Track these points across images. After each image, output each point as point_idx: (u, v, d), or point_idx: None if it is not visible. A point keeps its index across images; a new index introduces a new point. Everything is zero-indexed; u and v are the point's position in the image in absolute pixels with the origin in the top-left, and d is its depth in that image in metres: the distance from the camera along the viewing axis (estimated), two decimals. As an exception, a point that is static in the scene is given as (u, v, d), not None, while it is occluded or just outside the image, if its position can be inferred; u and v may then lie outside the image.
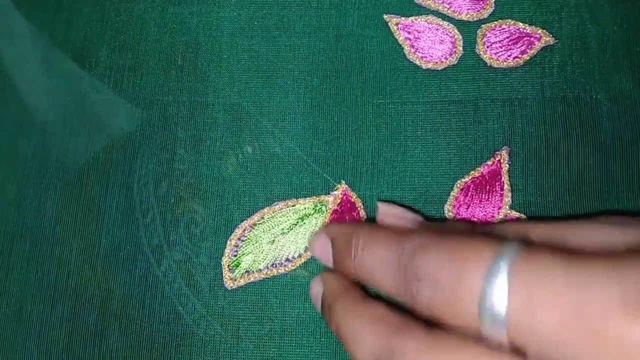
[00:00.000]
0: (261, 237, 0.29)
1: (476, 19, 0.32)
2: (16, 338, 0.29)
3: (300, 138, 0.31)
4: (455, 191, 0.29)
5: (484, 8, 0.32)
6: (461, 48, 0.31)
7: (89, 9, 0.34)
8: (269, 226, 0.29)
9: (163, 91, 0.32)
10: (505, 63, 0.31)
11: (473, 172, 0.30)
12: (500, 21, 0.32)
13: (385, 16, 0.32)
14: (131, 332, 0.29)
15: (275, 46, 0.32)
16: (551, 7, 0.32)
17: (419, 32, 0.32)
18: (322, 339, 0.28)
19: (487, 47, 0.31)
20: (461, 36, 0.32)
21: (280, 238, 0.29)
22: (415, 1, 0.32)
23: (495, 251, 0.17)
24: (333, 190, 0.30)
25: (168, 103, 0.32)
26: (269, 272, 0.29)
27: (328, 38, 0.32)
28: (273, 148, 0.31)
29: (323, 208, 0.29)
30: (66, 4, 0.34)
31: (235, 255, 0.29)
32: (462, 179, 0.30)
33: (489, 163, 0.30)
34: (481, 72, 0.31)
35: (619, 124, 0.30)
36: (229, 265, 0.29)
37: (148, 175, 0.31)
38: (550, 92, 0.31)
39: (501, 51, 0.31)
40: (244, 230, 0.29)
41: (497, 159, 0.30)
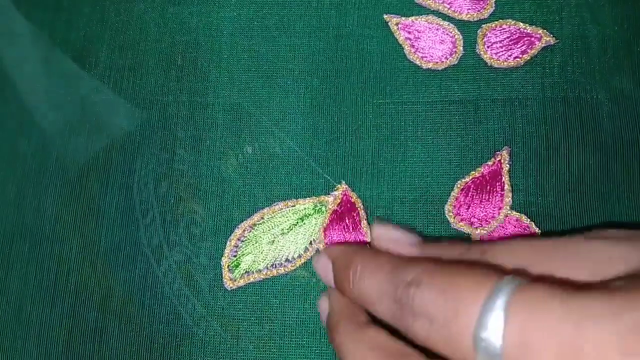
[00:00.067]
0: (261, 238, 0.29)
1: (476, 19, 0.32)
2: (16, 336, 0.29)
3: (300, 138, 0.31)
4: (455, 191, 0.29)
5: (485, 8, 0.32)
6: (461, 48, 0.31)
7: (89, 9, 0.34)
8: (269, 226, 0.29)
9: (163, 91, 0.32)
10: (505, 63, 0.31)
11: (473, 172, 0.30)
12: (500, 21, 0.32)
13: (385, 16, 0.32)
14: (131, 332, 0.29)
15: (275, 46, 0.32)
16: (552, 7, 0.32)
17: (419, 32, 0.32)
18: (322, 340, 0.28)
19: (488, 47, 0.31)
20: (461, 36, 0.32)
21: (280, 238, 0.29)
22: (415, 1, 0.32)
23: (491, 287, 0.17)
24: (333, 190, 0.30)
25: (168, 103, 0.32)
26: (269, 273, 0.29)
27: (328, 38, 0.32)
28: (273, 148, 0.31)
29: (323, 208, 0.29)
30: (66, 4, 0.34)
31: (235, 255, 0.29)
32: (463, 179, 0.29)
33: (490, 163, 0.30)
34: (482, 72, 0.31)
35: (620, 124, 0.30)
36: (229, 265, 0.29)
37: (148, 175, 0.31)
38: (550, 92, 0.30)
39: (502, 51, 0.31)
40: (244, 230, 0.29)
41: (498, 159, 0.30)
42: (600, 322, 0.15)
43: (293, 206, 0.30)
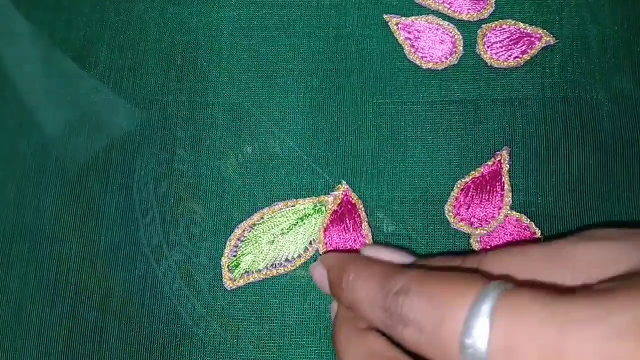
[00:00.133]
0: (261, 238, 0.29)
1: (477, 19, 0.32)
2: (16, 336, 0.29)
3: (300, 138, 0.31)
4: (455, 191, 0.29)
5: (485, 8, 0.32)
6: (462, 48, 0.31)
7: (89, 9, 0.34)
8: (269, 227, 0.29)
9: (163, 91, 0.32)
10: (505, 63, 0.31)
11: (473, 173, 0.29)
12: (500, 21, 0.32)
13: (385, 16, 0.32)
14: (131, 332, 0.29)
15: (275, 46, 0.32)
16: (552, 8, 0.32)
17: (420, 32, 0.32)
18: (322, 340, 0.28)
19: (488, 47, 0.31)
20: (462, 36, 0.32)
21: (280, 238, 0.29)
22: (415, 1, 0.32)
23: (477, 293, 0.18)
24: (333, 190, 0.30)
25: (168, 103, 0.32)
26: (269, 273, 0.29)
27: (328, 38, 0.32)
28: (273, 148, 0.31)
29: (323, 208, 0.29)
30: (66, 4, 0.34)
31: (235, 255, 0.29)
32: (463, 180, 0.29)
33: (490, 163, 0.30)
34: (482, 73, 0.31)
35: (620, 124, 0.30)
36: (229, 265, 0.29)
37: (148, 175, 0.31)
38: (551, 93, 0.30)
39: (502, 51, 0.31)
40: (244, 230, 0.29)
41: (498, 160, 0.30)
42: (582, 327, 0.16)
43: (293, 206, 0.30)
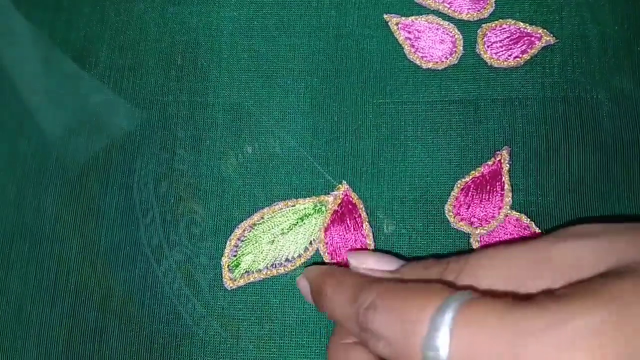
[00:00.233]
0: (261, 237, 0.29)
1: (476, 19, 0.32)
2: (16, 336, 0.29)
3: (300, 138, 0.31)
4: (455, 191, 0.29)
5: (485, 8, 0.32)
6: (461, 48, 0.31)
7: (89, 9, 0.34)
8: (269, 226, 0.29)
9: (163, 91, 0.32)
10: (505, 63, 0.31)
11: (473, 172, 0.30)
12: (500, 21, 0.32)
13: (385, 16, 0.32)
14: (131, 331, 0.29)
15: (275, 46, 0.32)
16: (552, 7, 0.32)
17: (419, 32, 0.32)
18: (322, 340, 0.28)
19: (488, 47, 0.31)
20: (461, 36, 0.32)
21: (280, 238, 0.29)
22: (415, 1, 0.32)
23: (439, 305, 0.18)
24: (333, 190, 0.30)
25: (168, 103, 0.32)
26: (269, 272, 0.29)
27: (328, 38, 0.32)
28: (273, 148, 0.31)
29: (323, 208, 0.29)
30: (66, 4, 0.34)
31: (235, 255, 0.29)
32: (463, 179, 0.29)
33: (490, 163, 0.30)
34: (482, 72, 0.31)
35: (620, 124, 0.30)
36: (229, 265, 0.29)
37: (148, 175, 0.31)
38: (550, 92, 0.30)
39: (502, 51, 0.31)
40: (244, 230, 0.29)
41: (498, 159, 0.30)
42: (535, 338, 0.16)
43: (293, 206, 0.30)
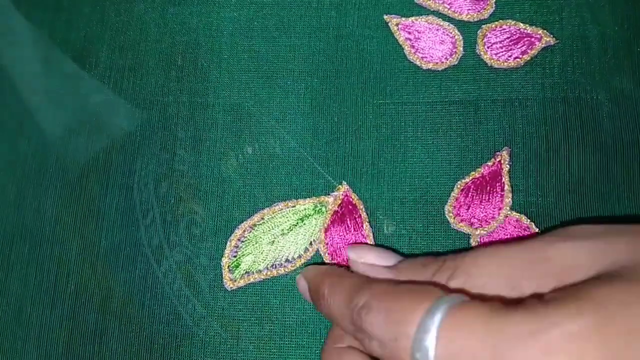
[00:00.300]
0: (261, 238, 0.29)
1: (476, 20, 0.32)
2: (16, 338, 0.29)
3: (300, 138, 0.31)
4: (455, 192, 0.29)
5: (485, 8, 0.32)
6: (461, 48, 0.31)
7: (89, 9, 0.34)
8: (269, 227, 0.29)
9: (163, 91, 0.32)
10: (505, 63, 0.31)
11: (473, 173, 0.30)
12: (500, 21, 0.32)
13: (385, 16, 0.32)
14: (131, 332, 0.29)
15: (275, 46, 0.32)
16: (552, 8, 0.32)
17: (420, 33, 0.32)
18: (322, 340, 0.28)
19: (488, 48, 0.31)
20: (461, 36, 0.32)
21: (280, 239, 0.29)
22: (415, 1, 0.32)
23: (427, 308, 0.18)
24: (333, 190, 0.30)
25: (168, 103, 0.32)
26: (269, 273, 0.29)
27: (328, 38, 0.32)
28: (273, 148, 0.31)
29: (323, 209, 0.29)
30: (66, 4, 0.34)
31: (235, 256, 0.29)
32: (463, 180, 0.29)
33: (490, 164, 0.30)
34: (482, 73, 0.31)
35: (620, 125, 0.30)
36: (229, 266, 0.29)
37: (148, 175, 0.31)
38: (551, 93, 0.30)
39: (502, 51, 0.31)
40: (244, 231, 0.29)
41: (498, 160, 0.30)
42: (517, 344, 0.16)
43: (293, 206, 0.30)
